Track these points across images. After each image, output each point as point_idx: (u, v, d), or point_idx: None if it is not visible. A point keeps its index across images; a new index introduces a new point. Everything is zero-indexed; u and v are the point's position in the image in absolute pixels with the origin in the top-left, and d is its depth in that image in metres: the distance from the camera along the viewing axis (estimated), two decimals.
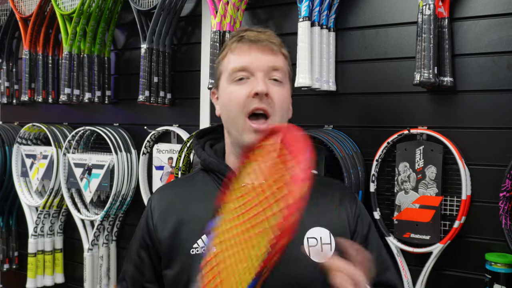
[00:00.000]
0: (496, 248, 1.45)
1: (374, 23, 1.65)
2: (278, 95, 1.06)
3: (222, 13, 1.73)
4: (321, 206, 1.11)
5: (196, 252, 1.05)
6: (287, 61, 1.12)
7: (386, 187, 1.62)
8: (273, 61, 1.07)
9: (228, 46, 1.10)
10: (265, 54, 1.06)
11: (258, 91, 1.03)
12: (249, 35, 1.07)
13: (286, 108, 1.10)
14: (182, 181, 1.24)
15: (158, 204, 1.15)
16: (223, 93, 1.11)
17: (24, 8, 2.41)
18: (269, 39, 1.07)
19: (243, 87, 1.06)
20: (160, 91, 2.01)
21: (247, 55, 1.06)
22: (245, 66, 1.06)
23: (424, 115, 1.56)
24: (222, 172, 1.10)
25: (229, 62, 1.08)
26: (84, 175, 2.21)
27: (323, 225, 1.08)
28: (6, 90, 2.58)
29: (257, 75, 1.05)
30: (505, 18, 1.44)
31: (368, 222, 1.17)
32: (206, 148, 1.18)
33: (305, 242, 1.05)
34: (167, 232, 1.10)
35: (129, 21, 2.25)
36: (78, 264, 2.42)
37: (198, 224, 1.07)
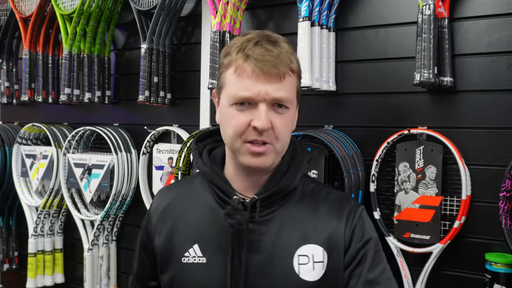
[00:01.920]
0: (496, 248, 1.45)
1: (374, 23, 1.65)
2: (280, 127, 1.00)
3: (222, 13, 1.73)
4: (317, 221, 1.06)
5: (187, 261, 1.05)
6: (296, 77, 1.04)
7: (386, 187, 1.62)
8: (278, 91, 0.98)
9: (233, 58, 1.01)
10: (271, 83, 0.98)
11: (259, 127, 0.97)
12: (256, 55, 0.97)
13: (288, 134, 1.05)
14: (181, 184, 1.22)
15: (157, 208, 1.16)
16: (223, 110, 1.04)
17: (24, 8, 2.41)
18: (278, 63, 0.98)
19: (243, 115, 0.99)
20: (160, 91, 2.01)
21: (252, 83, 0.97)
22: (248, 97, 0.98)
23: (424, 115, 1.56)
24: (215, 183, 1.06)
25: (232, 82, 1.00)
26: (84, 175, 2.21)
27: (316, 242, 1.04)
28: (6, 90, 2.58)
29: (260, 107, 0.98)
30: (505, 18, 1.44)
31: (367, 237, 1.07)
32: (203, 155, 1.13)
33: (295, 260, 1.02)
34: (163, 236, 1.11)
35: (129, 21, 2.25)
36: (78, 264, 2.42)
37: (191, 232, 1.08)
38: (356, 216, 1.08)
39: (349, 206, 1.10)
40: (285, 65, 0.99)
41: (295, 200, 1.09)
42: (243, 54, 0.99)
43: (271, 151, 1.01)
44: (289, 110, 1.03)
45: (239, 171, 1.07)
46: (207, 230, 1.07)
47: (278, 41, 1.02)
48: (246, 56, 0.98)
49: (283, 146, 1.04)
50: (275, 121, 0.99)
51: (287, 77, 1.00)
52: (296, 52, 1.06)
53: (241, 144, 1.00)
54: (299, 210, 1.08)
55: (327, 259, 1.03)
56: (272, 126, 0.99)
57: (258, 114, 0.98)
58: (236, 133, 1.00)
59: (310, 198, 1.11)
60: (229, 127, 1.01)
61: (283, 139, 1.02)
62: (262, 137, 0.98)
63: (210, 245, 1.06)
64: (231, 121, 1.01)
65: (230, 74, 1.01)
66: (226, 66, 1.03)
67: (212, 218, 1.07)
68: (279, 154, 1.04)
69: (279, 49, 1.00)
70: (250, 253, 1.03)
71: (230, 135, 1.02)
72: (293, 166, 1.09)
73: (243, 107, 0.99)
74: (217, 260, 1.04)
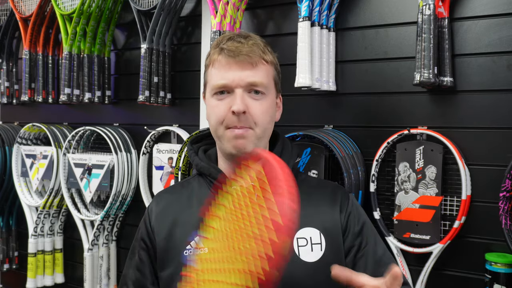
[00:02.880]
0: (496, 248, 1.45)
1: (374, 23, 1.65)
2: (257, 110, 1.08)
3: (222, 13, 1.73)
4: (312, 207, 1.12)
5: (190, 254, 1.07)
6: (271, 67, 1.13)
7: (386, 187, 1.62)
8: (252, 77, 1.08)
9: (211, 56, 1.12)
10: (244, 70, 1.07)
11: (235, 110, 1.05)
12: (229, 47, 1.07)
13: (268, 119, 1.11)
14: (179, 186, 1.27)
15: (155, 207, 1.19)
16: (207, 103, 1.15)
17: (24, 8, 2.41)
18: (249, 52, 1.07)
19: (222, 103, 1.08)
20: (160, 91, 2.01)
21: (226, 71, 1.08)
22: (224, 84, 1.08)
23: (424, 115, 1.56)
24: (213, 176, 1.13)
25: (211, 75, 1.11)
26: (84, 175, 2.21)
27: (313, 225, 1.10)
28: (6, 90, 2.58)
29: (236, 92, 1.07)
30: (505, 18, 1.44)
31: (363, 219, 1.17)
32: (199, 153, 1.21)
33: (295, 243, 1.07)
34: (162, 234, 1.13)
35: (129, 21, 2.25)
36: (78, 264, 2.42)
37: (191, 227, 1.09)
38: (349, 202, 1.17)
39: (341, 193, 1.20)
40: (257, 54, 1.09)
41: None
42: (218, 49, 1.10)
43: (251, 135, 1.08)
44: (266, 97, 1.11)
45: (230, 164, 1.14)
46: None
47: (251, 35, 1.13)
48: (221, 49, 1.09)
49: (262, 131, 1.10)
50: (251, 105, 1.08)
51: (260, 65, 1.10)
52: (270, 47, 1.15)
53: (224, 131, 1.09)
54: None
55: (324, 240, 1.09)
56: (249, 111, 1.07)
57: (234, 99, 1.07)
58: (218, 120, 1.09)
59: (303, 187, 1.14)
60: (213, 116, 1.11)
61: (261, 124, 1.09)
62: (240, 122, 1.07)
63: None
64: (213, 110, 1.10)
65: (210, 70, 1.12)
66: (207, 65, 1.14)
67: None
68: (259, 139, 1.11)
69: (251, 41, 1.10)
70: None
71: (213, 124, 1.11)
72: (284, 156, 1.16)
73: (223, 95, 1.09)
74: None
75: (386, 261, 1.12)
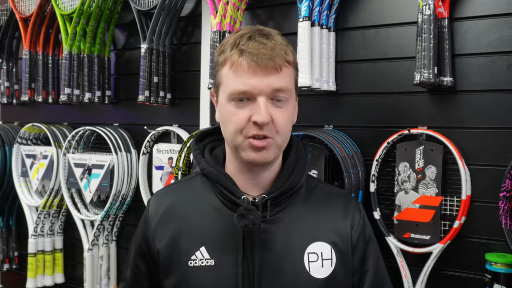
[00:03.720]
0: (496, 248, 1.45)
1: (374, 23, 1.65)
2: (280, 120, 0.99)
3: (222, 13, 1.73)
4: (324, 219, 1.09)
5: (194, 265, 1.03)
6: (293, 68, 1.04)
7: (386, 187, 1.62)
8: (277, 83, 0.98)
9: (227, 55, 1.00)
10: (268, 75, 0.97)
11: (259, 122, 0.96)
12: (251, 49, 0.97)
13: (289, 127, 1.04)
14: (181, 186, 1.18)
15: (155, 212, 1.11)
16: (222, 107, 1.04)
17: (24, 8, 2.41)
18: (273, 56, 0.97)
19: (243, 111, 0.98)
20: (160, 91, 2.01)
21: (248, 77, 0.97)
22: (246, 91, 0.97)
23: (424, 115, 1.56)
24: (221, 183, 1.05)
25: (228, 78, 1.00)
26: (84, 175, 2.21)
27: (324, 239, 1.06)
28: (6, 90, 2.58)
29: (259, 100, 0.97)
30: (505, 18, 1.44)
31: (369, 235, 1.14)
32: (205, 154, 1.12)
33: (305, 258, 1.04)
34: (164, 241, 1.07)
35: (129, 21, 2.25)
36: (78, 264, 2.42)
37: (196, 235, 1.05)
38: (361, 217, 1.13)
39: (353, 206, 1.15)
40: (281, 57, 0.99)
41: (301, 199, 1.10)
42: (237, 50, 0.99)
43: (272, 145, 1.00)
44: (289, 103, 1.02)
45: (242, 169, 1.07)
46: (214, 232, 1.05)
47: (272, 34, 1.02)
48: (241, 51, 0.98)
49: (284, 140, 1.04)
50: (275, 114, 0.99)
51: (284, 69, 1.00)
52: (290, 45, 1.06)
53: (243, 140, 1.00)
54: (306, 209, 1.09)
55: (335, 256, 1.06)
56: (272, 120, 0.98)
57: (257, 108, 0.97)
58: (236, 129, 0.99)
59: (315, 196, 1.13)
60: (230, 124, 1.01)
61: (283, 133, 1.02)
62: (262, 131, 0.98)
63: (217, 246, 1.03)
64: (231, 117, 1.00)
65: (227, 71, 1.01)
66: (221, 64, 1.03)
67: (218, 219, 1.05)
68: (280, 148, 1.04)
69: (273, 42, 1.00)
70: (263, 252, 1.02)
71: (231, 132, 1.01)
72: (298, 165, 1.10)
73: (242, 103, 0.99)
74: (226, 262, 1.02)
75: (385, 281, 1.13)
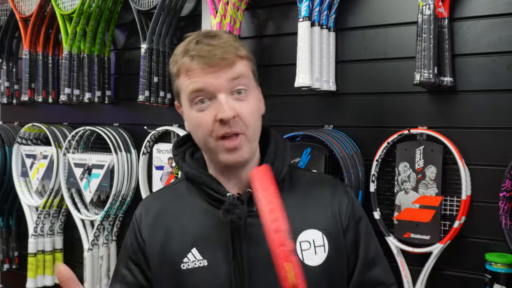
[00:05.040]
0: (496, 248, 1.45)
1: (374, 23, 1.65)
2: (245, 112, 0.99)
3: (222, 13, 1.73)
4: (312, 207, 1.09)
5: (188, 267, 1.02)
6: (247, 61, 1.04)
7: (386, 187, 1.62)
8: (231, 73, 0.98)
9: (180, 64, 1.01)
10: (221, 71, 0.98)
11: (224, 118, 0.96)
12: (200, 52, 0.97)
13: (257, 117, 1.04)
14: (166, 192, 1.19)
15: (144, 218, 1.12)
16: (187, 115, 1.05)
17: (24, 8, 2.41)
18: (223, 53, 0.98)
19: (207, 113, 0.99)
20: (160, 91, 2.00)
21: (202, 78, 0.97)
22: (202, 88, 0.98)
23: (424, 115, 1.56)
24: (206, 184, 1.05)
25: (185, 84, 1.00)
26: (84, 175, 2.21)
27: (315, 226, 1.06)
28: (6, 90, 2.58)
29: (219, 97, 0.97)
30: (505, 18, 1.44)
31: (359, 215, 1.13)
32: (186, 158, 1.12)
33: (298, 247, 1.03)
34: (156, 247, 1.07)
35: (129, 21, 2.25)
36: (78, 264, 2.42)
37: (187, 237, 1.05)
38: (349, 200, 1.12)
39: (340, 189, 1.14)
40: (232, 53, 0.99)
41: (287, 189, 1.10)
42: (188, 56, 0.99)
43: (244, 141, 1.01)
44: (250, 93, 1.03)
45: (222, 171, 1.07)
46: (203, 232, 1.05)
47: (218, 34, 1.03)
48: (191, 57, 0.98)
49: (254, 132, 1.03)
50: (239, 108, 0.99)
51: (238, 63, 1.00)
52: (239, 41, 1.06)
53: (215, 142, 1.00)
54: (293, 198, 1.08)
55: (327, 242, 1.05)
56: (238, 114, 0.98)
57: (219, 105, 0.97)
58: (205, 132, 1.00)
59: (300, 185, 1.12)
60: (198, 129, 1.02)
61: (252, 125, 1.01)
62: (231, 128, 0.98)
63: (208, 246, 1.04)
64: (197, 121, 1.01)
65: (183, 79, 1.01)
66: (176, 74, 1.04)
67: (206, 220, 1.06)
68: (252, 141, 1.04)
69: (221, 41, 1.00)
70: (252, 246, 1.02)
71: (201, 136, 1.02)
72: (279, 156, 1.09)
73: (204, 105, 0.99)
74: (218, 261, 1.02)
75: (376, 261, 1.11)
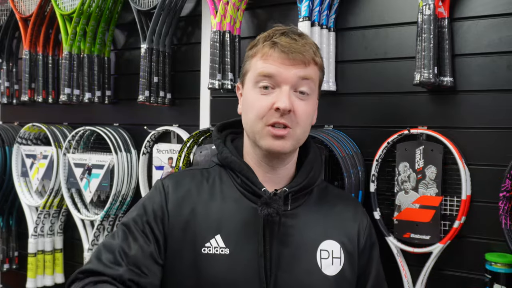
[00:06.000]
0: (496, 248, 1.45)
1: (374, 23, 1.65)
2: (301, 111, 1.03)
3: (222, 13, 1.73)
4: (334, 220, 1.12)
5: (208, 252, 1.01)
6: (319, 70, 1.09)
7: (386, 187, 1.62)
8: (302, 72, 1.03)
9: (259, 47, 1.05)
10: (295, 66, 1.02)
11: (281, 107, 0.99)
12: (282, 42, 1.02)
13: (308, 122, 1.08)
14: (197, 173, 1.14)
15: (173, 191, 1.07)
16: (246, 95, 1.07)
17: (24, 8, 2.41)
18: (303, 50, 1.02)
19: (266, 98, 1.02)
20: (160, 91, 2.01)
21: (277, 65, 1.01)
22: (272, 74, 1.01)
23: (424, 115, 1.56)
24: (244, 173, 1.06)
25: (257, 65, 1.04)
26: (84, 175, 2.21)
27: (335, 238, 1.09)
28: (6, 90, 2.58)
29: (283, 88, 1.01)
30: (505, 18, 1.44)
31: (374, 240, 1.18)
32: (227, 144, 1.13)
33: (318, 254, 1.06)
34: (180, 223, 1.04)
35: (129, 21, 2.25)
36: (78, 264, 2.42)
37: (212, 222, 1.04)
38: (367, 222, 1.18)
39: (361, 210, 1.20)
40: (310, 54, 1.04)
41: (315, 197, 1.14)
42: (270, 42, 1.03)
43: (291, 135, 1.03)
44: (311, 98, 1.06)
45: (259, 162, 1.09)
46: (230, 221, 1.04)
47: (304, 34, 1.08)
48: (273, 43, 1.03)
49: (303, 133, 1.06)
50: (297, 105, 1.02)
51: (311, 65, 1.05)
52: (320, 50, 1.11)
53: (263, 127, 1.02)
54: (320, 207, 1.12)
55: (343, 256, 1.09)
56: (294, 110, 1.01)
57: (280, 95, 1.01)
58: (258, 116, 1.02)
59: (326, 197, 1.16)
60: (252, 110, 1.04)
61: (303, 125, 1.05)
62: (283, 119, 1.01)
63: (233, 236, 1.03)
64: (254, 103, 1.04)
65: (256, 60, 1.05)
66: (252, 55, 1.07)
67: (236, 208, 1.05)
68: (298, 140, 1.07)
69: (304, 40, 1.05)
70: (280, 245, 1.04)
71: (252, 118, 1.04)
72: (317, 164, 1.14)
73: (266, 90, 1.03)
74: (241, 252, 1.01)
75: (382, 284, 1.19)
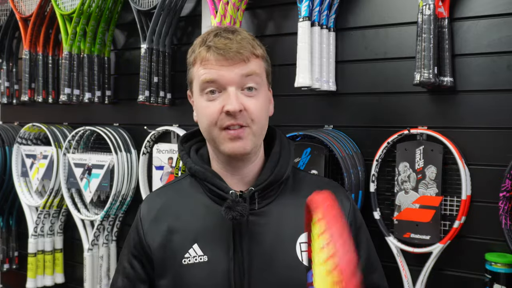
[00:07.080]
0: (496, 248, 1.45)
1: (374, 23, 1.65)
2: (253, 107, 1.01)
3: (222, 13, 1.73)
4: None
5: (188, 262, 1.03)
6: (262, 61, 1.07)
7: (386, 187, 1.62)
8: (244, 70, 1.01)
9: (197, 53, 1.04)
10: (235, 65, 1.00)
11: (231, 110, 0.98)
12: (217, 44, 1.00)
13: (264, 115, 1.06)
14: (170, 188, 1.20)
15: (147, 213, 1.13)
16: (197, 103, 1.07)
17: (24, 8, 2.41)
18: (239, 48, 1.00)
19: (215, 103, 1.01)
20: (160, 91, 2.00)
21: (216, 69, 1.00)
22: (214, 79, 1.00)
23: (424, 115, 1.56)
24: (209, 180, 1.07)
25: (199, 73, 1.03)
26: (84, 175, 2.21)
27: None
28: (6, 90, 2.58)
29: (229, 90, 1.00)
30: (505, 18, 1.44)
31: (360, 222, 1.16)
32: (191, 154, 1.14)
33: (297, 248, 1.04)
34: (158, 241, 1.08)
35: (129, 21, 2.25)
36: (78, 264, 2.42)
37: (189, 233, 1.06)
38: (351, 205, 1.15)
39: (342, 194, 1.17)
40: (248, 50, 1.02)
41: (289, 190, 1.12)
42: (205, 47, 1.02)
43: (248, 133, 1.02)
44: (261, 92, 1.05)
45: (225, 166, 1.09)
46: (205, 229, 1.06)
47: (238, 30, 1.06)
48: (208, 47, 1.02)
49: (261, 128, 1.05)
50: (247, 103, 1.01)
51: (252, 60, 1.03)
52: (257, 40, 1.09)
53: (219, 132, 1.02)
54: (295, 199, 1.10)
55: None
56: (245, 108, 1.01)
57: (228, 98, 1.00)
58: (211, 122, 1.02)
59: (303, 187, 1.14)
60: (204, 117, 1.04)
61: (259, 120, 1.03)
62: (236, 120, 1.00)
63: (209, 243, 1.05)
64: (204, 111, 1.03)
65: (197, 68, 1.04)
66: (192, 63, 1.07)
67: (208, 216, 1.07)
68: (257, 137, 1.05)
69: (239, 37, 1.03)
70: (253, 244, 1.03)
71: (206, 126, 1.04)
72: (283, 156, 1.11)
73: (214, 95, 1.02)
74: (219, 257, 1.03)
75: (376, 266, 1.16)
